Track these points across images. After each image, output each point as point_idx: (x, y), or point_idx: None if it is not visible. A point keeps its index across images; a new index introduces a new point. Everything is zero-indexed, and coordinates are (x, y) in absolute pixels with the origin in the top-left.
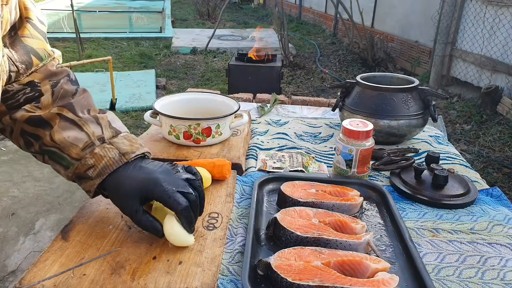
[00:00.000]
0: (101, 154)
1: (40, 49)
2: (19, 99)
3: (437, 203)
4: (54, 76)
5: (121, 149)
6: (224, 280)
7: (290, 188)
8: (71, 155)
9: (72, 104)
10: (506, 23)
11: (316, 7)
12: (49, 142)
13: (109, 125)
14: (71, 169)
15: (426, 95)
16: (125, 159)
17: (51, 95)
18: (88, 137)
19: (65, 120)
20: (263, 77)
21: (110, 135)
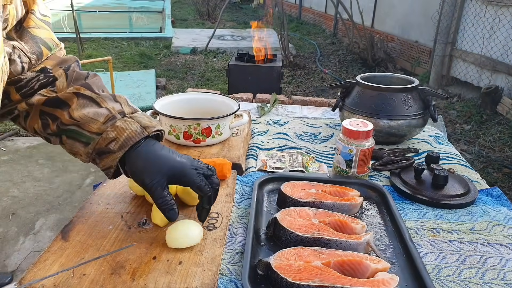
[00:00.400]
0: (122, 126)
1: (48, 38)
2: (33, 86)
3: (437, 203)
4: (65, 62)
5: (142, 122)
6: (224, 280)
7: (290, 188)
8: (92, 130)
9: (88, 83)
10: (506, 23)
11: (316, 7)
12: (68, 120)
13: (127, 102)
14: (91, 144)
15: (426, 95)
16: (147, 132)
17: (65, 78)
18: (109, 111)
19: (84, 97)
20: (263, 77)
21: (130, 111)
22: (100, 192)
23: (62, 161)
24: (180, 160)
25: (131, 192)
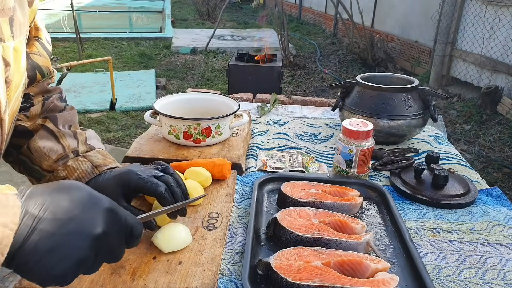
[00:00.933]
0: (74, 166)
1: (45, 66)
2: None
3: (437, 203)
4: (48, 92)
5: (94, 161)
6: (224, 280)
7: (290, 188)
8: (42, 167)
9: (56, 117)
10: (506, 23)
11: (316, 7)
12: (25, 151)
13: (85, 141)
14: (42, 181)
15: (426, 95)
16: (98, 171)
17: (40, 106)
18: (63, 149)
19: (45, 129)
20: (263, 77)
21: (84, 150)
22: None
23: None
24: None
25: None
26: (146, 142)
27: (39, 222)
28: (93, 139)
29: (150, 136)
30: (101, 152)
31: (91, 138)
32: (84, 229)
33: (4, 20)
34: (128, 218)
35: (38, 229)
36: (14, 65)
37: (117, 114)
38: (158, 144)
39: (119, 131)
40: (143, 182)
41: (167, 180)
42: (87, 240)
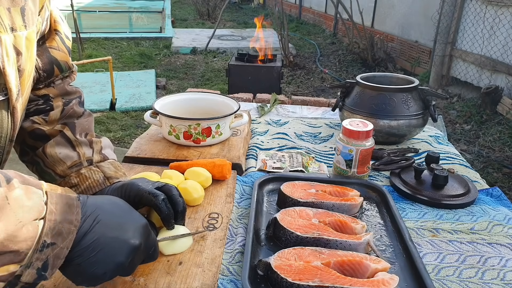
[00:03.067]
0: (86, 175)
1: (63, 61)
2: (30, 108)
3: (437, 203)
4: (67, 95)
5: (106, 173)
6: (224, 280)
7: (290, 188)
8: (56, 171)
9: (74, 124)
10: (506, 23)
11: (316, 7)
12: (40, 153)
13: (100, 150)
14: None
15: (426, 95)
16: (109, 182)
17: (60, 112)
18: (78, 157)
19: (62, 137)
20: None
21: (98, 159)
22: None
23: None
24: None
25: None
26: (146, 142)
27: (96, 225)
28: (107, 149)
29: (150, 136)
30: (114, 164)
31: (106, 147)
32: (127, 238)
33: (15, 10)
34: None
35: (93, 231)
36: (26, 54)
37: (117, 114)
38: (158, 144)
39: (119, 131)
40: (143, 192)
41: (168, 189)
42: (127, 248)
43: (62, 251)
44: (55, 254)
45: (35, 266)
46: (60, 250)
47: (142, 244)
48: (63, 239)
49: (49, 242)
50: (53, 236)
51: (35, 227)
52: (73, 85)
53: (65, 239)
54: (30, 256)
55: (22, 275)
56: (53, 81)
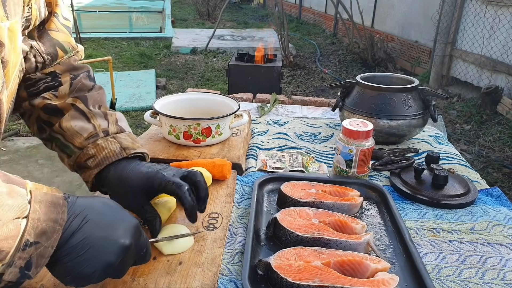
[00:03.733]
0: (102, 145)
1: (65, 42)
2: (39, 87)
3: (437, 203)
4: (75, 70)
5: (123, 143)
6: (224, 280)
7: (290, 188)
8: (75, 144)
9: (86, 97)
10: (506, 23)
11: (316, 7)
12: (57, 129)
13: (115, 122)
14: (73, 157)
15: (426, 95)
16: (125, 153)
17: (69, 86)
18: (94, 128)
19: (76, 110)
20: (263, 77)
21: (114, 131)
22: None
23: None
24: (153, 169)
25: None
26: (146, 142)
27: (84, 224)
28: (122, 121)
29: (150, 136)
30: (131, 136)
31: (121, 120)
32: (117, 237)
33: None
34: (147, 241)
35: (81, 230)
36: (10, 45)
37: None
38: (158, 144)
39: None
40: (166, 181)
41: (193, 174)
42: (117, 248)
43: (47, 250)
44: (39, 253)
45: (17, 265)
46: (44, 249)
47: (132, 244)
48: (48, 238)
49: (32, 241)
50: (37, 235)
51: (17, 226)
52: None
53: (50, 238)
54: (12, 255)
55: (4, 274)
56: (59, 63)
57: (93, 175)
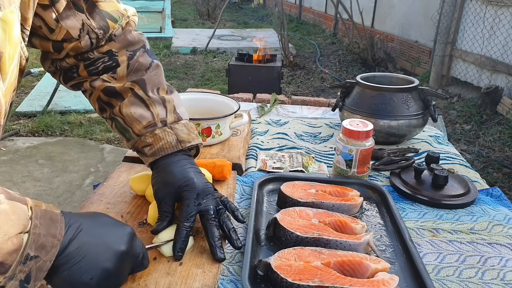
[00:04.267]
0: (160, 136)
1: (114, 11)
2: (98, 66)
3: (437, 203)
4: (131, 46)
5: (179, 136)
6: (224, 280)
7: (290, 188)
8: (134, 130)
9: (144, 81)
10: (506, 23)
11: (316, 7)
12: (117, 113)
13: (173, 109)
14: (131, 142)
15: (426, 95)
16: (181, 146)
17: (126, 67)
18: (152, 117)
19: (135, 96)
20: (263, 77)
21: (172, 120)
22: (100, 192)
23: (62, 161)
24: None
25: (131, 192)
26: None
27: (79, 233)
28: (180, 107)
29: None
30: (187, 126)
31: (178, 106)
32: (112, 243)
33: None
34: (143, 247)
35: (76, 239)
36: (4, 36)
37: None
38: None
39: None
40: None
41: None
42: (112, 254)
43: (45, 264)
44: (38, 266)
45: (18, 278)
46: (43, 263)
47: (128, 250)
48: (47, 253)
49: (32, 255)
50: (37, 249)
51: (20, 240)
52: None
53: (48, 252)
54: (14, 268)
55: (5, 287)
56: (113, 34)
57: (148, 162)
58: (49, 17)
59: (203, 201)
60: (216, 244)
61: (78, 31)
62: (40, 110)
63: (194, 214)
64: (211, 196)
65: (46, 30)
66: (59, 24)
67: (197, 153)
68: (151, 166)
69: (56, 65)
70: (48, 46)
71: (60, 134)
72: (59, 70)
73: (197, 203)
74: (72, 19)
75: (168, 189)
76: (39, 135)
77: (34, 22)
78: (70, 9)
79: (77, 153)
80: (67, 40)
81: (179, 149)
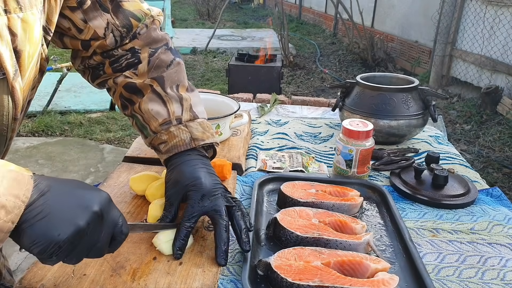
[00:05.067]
0: (175, 133)
1: (137, 10)
2: (121, 63)
3: (437, 203)
4: (154, 43)
5: (194, 134)
6: (224, 280)
7: (290, 188)
8: (151, 127)
9: (163, 78)
10: (506, 23)
11: (316, 7)
12: (137, 109)
13: (190, 108)
14: (148, 139)
15: (426, 95)
16: (194, 144)
17: (147, 64)
18: (168, 115)
19: (154, 92)
20: (263, 77)
21: (187, 118)
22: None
23: (62, 161)
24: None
25: (131, 191)
26: None
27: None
28: (198, 106)
29: None
30: (203, 124)
31: (196, 104)
32: (84, 202)
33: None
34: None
35: (45, 195)
36: (24, 35)
37: (117, 114)
38: None
39: (119, 131)
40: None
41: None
42: (86, 212)
43: (6, 225)
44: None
45: None
46: (3, 223)
47: (102, 212)
48: (7, 213)
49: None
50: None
51: None
52: (160, 31)
53: (10, 213)
54: None
55: None
56: (137, 33)
57: (163, 159)
58: (77, 18)
59: (209, 201)
60: (221, 248)
61: (103, 30)
62: (40, 110)
63: (197, 215)
64: (220, 196)
65: (75, 31)
66: (87, 24)
67: (214, 154)
68: (166, 163)
69: (85, 63)
70: (77, 45)
71: (60, 134)
72: (88, 69)
73: (202, 204)
74: (98, 19)
75: (176, 188)
76: (39, 135)
77: (63, 24)
78: (97, 10)
79: (77, 153)
80: (94, 38)
81: (193, 147)
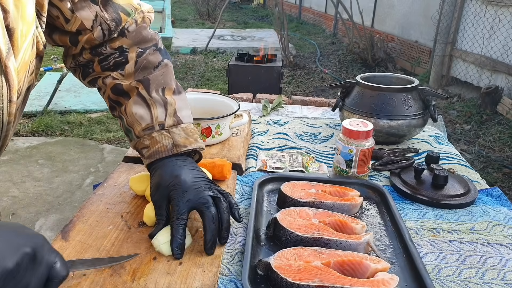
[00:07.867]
0: (157, 139)
1: (127, 4)
2: (110, 61)
3: (437, 203)
4: (143, 43)
5: (176, 140)
6: (224, 280)
7: (290, 188)
8: (134, 131)
9: (149, 80)
10: (506, 23)
11: (316, 7)
12: (123, 112)
13: (174, 113)
14: (133, 142)
15: (426, 95)
16: (176, 150)
17: (134, 64)
18: (151, 120)
19: (139, 95)
20: (263, 77)
21: (171, 123)
22: (100, 192)
23: (62, 161)
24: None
25: (131, 192)
26: None
27: None
28: (183, 110)
29: None
30: (186, 130)
31: (181, 109)
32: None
33: None
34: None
35: None
36: (16, 12)
37: None
38: None
39: (119, 131)
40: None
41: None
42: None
43: None
44: None
45: None
46: None
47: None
48: None
49: None
50: None
51: None
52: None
53: None
54: None
55: None
56: (125, 29)
57: (145, 164)
58: (65, 7)
59: (193, 195)
60: (209, 239)
61: (91, 22)
62: (40, 110)
63: (185, 211)
64: (204, 188)
65: (62, 20)
66: (74, 14)
67: (200, 158)
68: (148, 168)
69: (75, 61)
70: (66, 40)
71: (60, 134)
72: (78, 67)
73: (186, 200)
74: (86, 10)
75: (158, 191)
76: (39, 135)
77: (52, 11)
78: (85, 1)
79: (77, 153)
80: (82, 32)
81: (174, 153)
